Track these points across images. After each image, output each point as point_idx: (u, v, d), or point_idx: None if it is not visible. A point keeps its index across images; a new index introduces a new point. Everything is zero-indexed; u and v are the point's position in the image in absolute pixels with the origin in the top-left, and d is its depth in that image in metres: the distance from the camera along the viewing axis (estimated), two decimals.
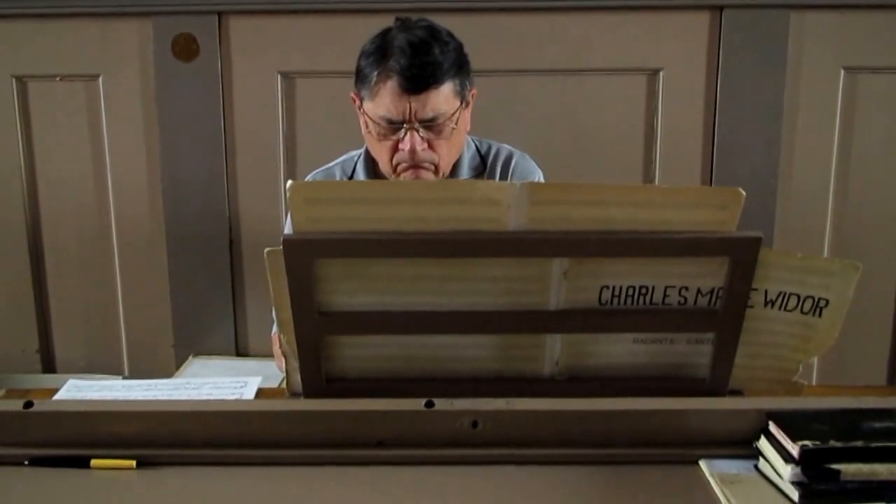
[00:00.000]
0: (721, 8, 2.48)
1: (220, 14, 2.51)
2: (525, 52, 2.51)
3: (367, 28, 2.45)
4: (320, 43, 2.53)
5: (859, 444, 1.07)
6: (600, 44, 2.52)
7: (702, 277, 1.23)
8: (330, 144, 2.53)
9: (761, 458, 1.14)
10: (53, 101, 2.61)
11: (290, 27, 2.52)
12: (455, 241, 1.18)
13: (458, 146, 1.84)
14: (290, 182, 1.16)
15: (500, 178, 1.93)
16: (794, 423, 1.12)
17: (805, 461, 1.06)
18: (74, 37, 2.55)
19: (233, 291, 2.69)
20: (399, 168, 1.78)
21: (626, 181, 2.57)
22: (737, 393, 1.34)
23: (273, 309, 1.25)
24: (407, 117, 1.72)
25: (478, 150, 1.96)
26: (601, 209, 1.18)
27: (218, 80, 2.55)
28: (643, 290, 1.24)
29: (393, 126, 1.74)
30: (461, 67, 1.77)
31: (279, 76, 2.56)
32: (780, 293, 1.27)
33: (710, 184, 2.57)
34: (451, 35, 1.79)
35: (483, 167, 1.95)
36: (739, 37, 2.49)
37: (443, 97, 1.73)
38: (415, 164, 1.76)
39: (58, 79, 2.59)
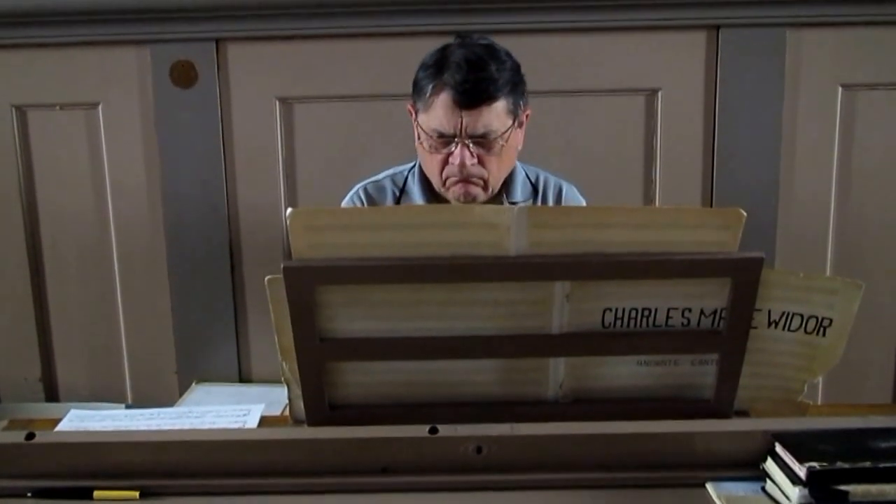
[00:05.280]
0: (718, 27, 2.48)
1: (217, 41, 2.52)
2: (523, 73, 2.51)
3: (364, 53, 2.48)
4: (317, 68, 2.54)
5: (867, 464, 1.07)
6: (598, 64, 2.52)
7: (704, 298, 1.23)
8: (329, 169, 2.55)
9: (769, 480, 1.13)
10: (53, 130, 2.61)
11: (288, 53, 2.53)
12: (456, 266, 1.18)
13: (509, 163, 1.86)
14: (289, 209, 1.16)
15: None
16: (801, 444, 1.11)
17: (812, 483, 1.05)
18: (73, 65, 2.56)
19: (235, 316, 2.69)
20: (448, 182, 1.81)
21: (627, 201, 2.57)
22: (742, 413, 1.33)
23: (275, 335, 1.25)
24: (458, 131, 1.74)
25: (527, 176, 1.97)
26: (602, 231, 1.18)
27: (217, 107, 2.56)
28: (646, 312, 1.23)
29: (444, 139, 1.77)
30: (516, 86, 1.79)
31: (277, 101, 2.56)
32: (784, 313, 1.26)
33: (711, 202, 2.57)
34: (508, 54, 1.81)
35: (535, 193, 1.96)
36: (737, 55, 2.49)
37: (495, 114, 1.75)
38: (464, 178, 1.78)
39: (57, 108, 2.60)
